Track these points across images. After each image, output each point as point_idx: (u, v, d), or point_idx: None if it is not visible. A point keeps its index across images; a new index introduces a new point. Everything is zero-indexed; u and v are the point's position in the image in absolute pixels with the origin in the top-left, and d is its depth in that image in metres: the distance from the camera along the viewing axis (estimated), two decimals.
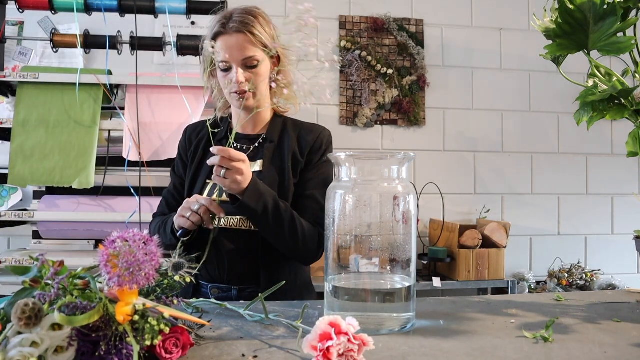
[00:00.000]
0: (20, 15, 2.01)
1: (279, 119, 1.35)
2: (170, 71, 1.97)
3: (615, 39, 0.95)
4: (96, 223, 1.83)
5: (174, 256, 0.79)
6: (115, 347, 0.59)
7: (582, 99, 1.01)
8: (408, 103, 2.63)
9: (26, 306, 0.54)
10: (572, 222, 2.79)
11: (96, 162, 1.80)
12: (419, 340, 0.75)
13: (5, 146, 1.91)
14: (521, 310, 0.94)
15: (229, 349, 0.70)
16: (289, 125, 1.35)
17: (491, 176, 2.73)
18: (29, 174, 1.78)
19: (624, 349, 0.72)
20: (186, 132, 1.38)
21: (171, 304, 0.68)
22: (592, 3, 0.91)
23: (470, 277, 2.31)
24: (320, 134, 1.34)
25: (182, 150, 1.37)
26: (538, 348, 0.72)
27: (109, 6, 1.90)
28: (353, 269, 0.82)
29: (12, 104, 1.87)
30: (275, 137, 1.31)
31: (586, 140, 2.77)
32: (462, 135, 2.72)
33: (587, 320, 0.88)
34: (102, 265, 0.59)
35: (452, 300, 1.03)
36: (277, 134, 1.32)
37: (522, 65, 2.76)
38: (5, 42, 1.99)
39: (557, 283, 2.53)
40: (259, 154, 1.30)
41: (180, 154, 1.37)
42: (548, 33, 1.04)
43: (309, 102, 1.23)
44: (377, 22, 2.63)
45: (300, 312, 0.78)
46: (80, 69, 1.85)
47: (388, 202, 0.81)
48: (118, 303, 0.59)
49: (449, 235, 2.37)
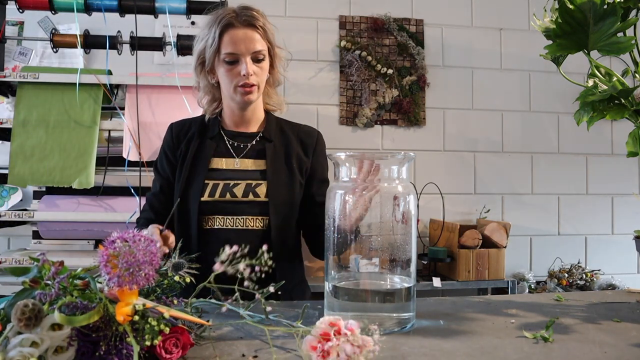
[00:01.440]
0: (20, 15, 2.01)
1: (272, 117, 1.36)
2: (170, 71, 1.97)
3: (615, 39, 0.95)
4: (96, 223, 1.83)
5: (173, 256, 0.79)
6: (115, 347, 0.59)
7: (582, 99, 1.01)
8: (408, 103, 2.63)
9: (26, 307, 0.54)
10: (572, 222, 2.79)
11: (96, 162, 1.80)
12: (419, 340, 0.75)
13: (5, 146, 1.90)
14: (521, 310, 0.94)
15: (229, 349, 0.70)
16: (284, 125, 1.36)
17: (491, 176, 2.73)
18: (29, 174, 1.78)
19: (624, 349, 0.72)
20: (172, 130, 1.34)
21: (171, 304, 0.68)
22: (592, 3, 0.91)
23: (470, 277, 2.31)
24: (317, 136, 1.37)
25: (169, 149, 1.32)
26: (538, 348, 0.72)
27: (109, 6, 1.90)
28: (353, 269, 0.82)
29: (12, 104, 1.87)
30: (272, 136, 1.31)
31: (586, 140, 2.76)
32: (462, 135, 2.72)
33: (587, 320, 0.88)
34: (102, 265, 0.59)
35: (452, 300, 1.03)
36: (274, 133, 1.32)
37: (522, 65, 2.76)
38: (5, 42, 1.99)
39: (557, 283, 2.53)
40: (258, 152, 1.30)
41: (166, 153, 1.32)
42: (548, 33, 1.04)
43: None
44: (377, 22, 2.63)
45: (301, 312, 0.78)
46: (80, 69, 1.85)
47: (388, 202, 0.81)
48: (118, 303, 0.59)
49: (449, 235, 2.37)
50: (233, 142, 1.31)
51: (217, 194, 1.23)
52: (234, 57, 1.20)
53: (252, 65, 1.21)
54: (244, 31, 1.20)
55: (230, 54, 1.20)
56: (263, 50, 1.22)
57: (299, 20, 2.53)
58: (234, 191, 1.23)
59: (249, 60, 1.20)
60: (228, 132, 1.32)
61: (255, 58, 1.21)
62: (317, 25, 2.61)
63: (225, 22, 1.19)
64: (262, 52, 1.22)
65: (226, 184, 1.24)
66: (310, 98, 2.58)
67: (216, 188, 1.24)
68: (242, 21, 1.20)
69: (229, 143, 1.30)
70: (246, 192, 1.24)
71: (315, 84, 2.60)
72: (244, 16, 1.20)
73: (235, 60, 1.20)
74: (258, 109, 1.33)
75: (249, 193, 1.24)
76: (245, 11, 1.21)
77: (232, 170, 1.27)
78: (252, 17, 1.20)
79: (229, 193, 1.23)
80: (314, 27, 2.61)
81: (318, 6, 2.61)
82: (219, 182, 1.24)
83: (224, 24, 1.20)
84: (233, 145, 1.30)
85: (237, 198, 1.23)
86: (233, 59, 1.20)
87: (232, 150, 1.30)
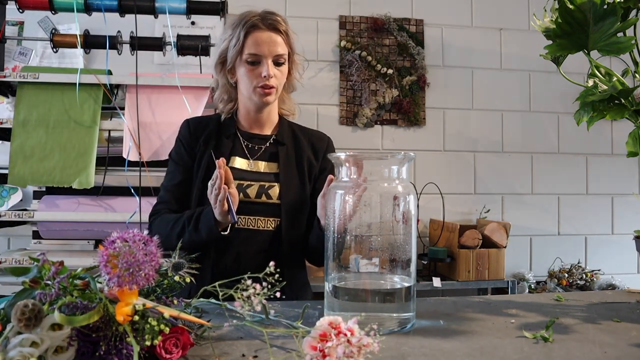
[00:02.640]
0: (20, 15, 2.01)
1: (285, 121, 1.39)
2: (170, 71, 1.97)
3: (615, 39, 0.95)
4: (96, 223, 1.83)
5: (173, 256, 0.79)
6: (115, 347, 0.59)
7: (582, 99, 1.01)
8: (408, 103, 2.63)
9: (26, 307, 0.54)
10: (572, 222, 2.79)
11: (96, 162, 1.80)
12: (419, 340, 0.75)
13: (5, 146, 1.90)
14: (521, 310, 0.94)
15: (229, 349, 0.70)
16: (296, 129, 1.39)
17: (491, 176, 2.73)
18: (29, 174, 1.78)
19: (623, 349, 0.72)
20: (189, 125, 1.34)
21: (171, 304, 0.68)
22: (592, 3, 0.91)
23: (470, 277, 2.31)
24: (328, 141, 1.40)
25: (186, 143, 1.31)
26: (538, 348, 0.72)
27: (109, 6, 1.90)
28: (353, 269, 0.82)
29: (12, 104, 1.87)
30: (285, 140, 1.34)
31: (586, 140, 2.76)
32: (462, 135, 2.72)
33: (587, 320, 0.88)
34: (102, 265, 0.59)
35: (452, 300, 1.03)
36: (287, 137, 1.35)
37: (522, 65, 2.76)
38: (5, 42, 1.99)
39: (557, 283, 2.53)
40: (271, 154, 1.32)
41: (184, 146, 1.32)
42: (548, 33, 1.04)
43: None
44: (377, 22, 2.63)
45: (301, 312, 0.78)
46: (80, 69, 1.84)
47: (388, 202, 0.81)
48: (118, 303, 0.59)
49: (449, 235, 2.37)
50: (247, 143, 1.32)
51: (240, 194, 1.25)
52: (256, 58, 1.23)
53: (273, 68, 1.24)
54: (268, 34, 1.23)
55: (253, 55, 1.22)
56: (284, 55, 1.26)
57: (299, 20, 2.52)
58: (247, 192, 1.25)
59: (271, 62, 1.23)
60: (243, 133, 1.34)
61: (276, 61, 1.25)
62: (317, 25, 2.61)
63: (251, 24, 1.23)
64: (284, 56, 1.25)
65: (240, 184, 1.25)
66: (310, 98, 2.58)
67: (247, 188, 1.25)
68: (267, 24, 1.23)
69: (243, 144, 1.32)
70: (259, 193, 1.25)
71: (315, 84, 2.60)
72: (269, 20, 1.24)
73: (257, 61, 1.23)
74: (273, 112, 1.36)
75: (262, 194, 1.25)
76: (271, 15, 1.25)
77: (246, 170, 1.29)
78: (276, 21, 1.24)
79: (242, 193, 1.24)
80: (314, 27, 2.61)
81: (318, 6, 2.61)
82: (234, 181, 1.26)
83: (249, 25, 1.23)
84: (247, 146, 1.32)
85: (250, 198, 1.25)
86: (255, 59, 1.23)
87: (246, 151, 1.32)
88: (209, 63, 2.29)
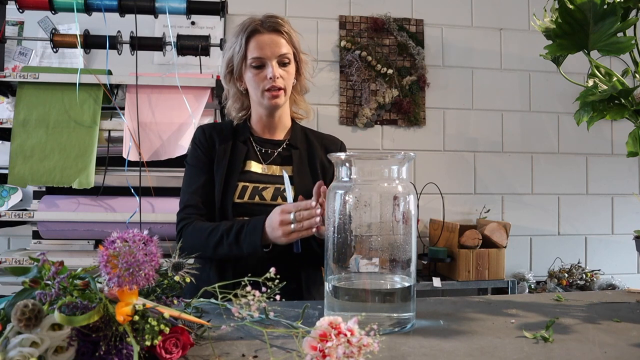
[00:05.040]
0: (20, 15, 2.01)
1: (297, 125, 1.39)
2: (170, 71, 1.97)
3: (615, 39, 0.95)
4: (96, 223, 1.83)
5: (173, 256, 0.79)
6: (115, 347, 0.59)
7: (582, 99, 1.01)
8: (408, 103, 2.63)
9: (26, 307, 0.54)
10: (572, 222, 2.79)
11: (96, 162, 1.80)
12: (419, 340, 0.75)
13: (5, 146, 1.90)
14: (521, 310, 0.94)
15: (229, 349, 0.70)
16: (309, 133, 1.39)
17: (491, 176, 2.73)
18: (29, 174, 1.78)
19: (623, 349, 0.72)
20: (204, 131, 1.34)
21: (171, 304, 0.68)
22: (592, 3, 0.91)
23: (470, 277, 2.31)
24: (341, 145, 1.41)
25: (203, 148, 1.31)
26: (538, 348, 0.72)
27: (109, 6, 1.90)
28: (353, 269, 0.82)
29: (12, 104, 1.87)
30: (299, 144, 1.34)
31: (586, 140, 2.76)
32: (462, 135, 2.72)
33: (587, 320, 0.88)
34: (102, 265, 0.59)
35: (452, 300, 1.03)
36: (300, 141, 1.35)
37: (522, 65, 2.76)
38: (5, 42, 1.99)
39: (557, 283, 2.53)
40: (284, 159, 1.32)
41: (201, 150, 1.31)
42: (548, 33, 1.04)
43: None
44: (377, 22, 2.63)
45: (301, 312, 0.78)
46: (80, 69, 1.85)
47: (388, 202, 0.81)
48: (118, 303, 0.59)
49: (449, 235, 2.37)
50: (261, 148, 1.33)
51: (246, 196, 1.26)
52: (260, 61, 1.23)
53: (279, 68, 1.24)
54: (269, 36, 1.23)
55: (257, 59, 1.23)
56: (288, 54, 1.26)
57: (299, 20, 2.52)
58: (262, 194, 1.26)
59: (275, 63, 1.23)
60: (256, 139, 1.34)
61: (281, 62, 1.25)
62: (317, 25, 2.61)
63: (252, 29, 1.23)
64: (287, 55, 1.25)
65: (255, 186, 1.26)
66: (310, 98, 2.55)
67: (246, 190, 1.26)
68: (267, 27, 1.24)
69: (256, 149, 1.33)
70: (275, 195, 1.26)
71: (315, 84, 2.59)
72: (269, 22, 1.24)
73: (262, 64, 1.23)
74: (285, 116, 1.36)
75: (277, 197, 1.26)
76: (271, 18, 1.25)
77: (261, 174, 1.30)
78: (277, 23, 1.25)
79: (258, 196, 1.25)
80: (314, 27, 2.61)
81: (318, 6, 2.61)
82: (249, 184, 1.27)
83: (250, 30, 1.23)
84: (261, 151, 1.33)
85: (265, 201, 1.26)
86: (259, 63, 1.23)
87: (259, 156, 1.32)
88: (209, 63, 2.30)
